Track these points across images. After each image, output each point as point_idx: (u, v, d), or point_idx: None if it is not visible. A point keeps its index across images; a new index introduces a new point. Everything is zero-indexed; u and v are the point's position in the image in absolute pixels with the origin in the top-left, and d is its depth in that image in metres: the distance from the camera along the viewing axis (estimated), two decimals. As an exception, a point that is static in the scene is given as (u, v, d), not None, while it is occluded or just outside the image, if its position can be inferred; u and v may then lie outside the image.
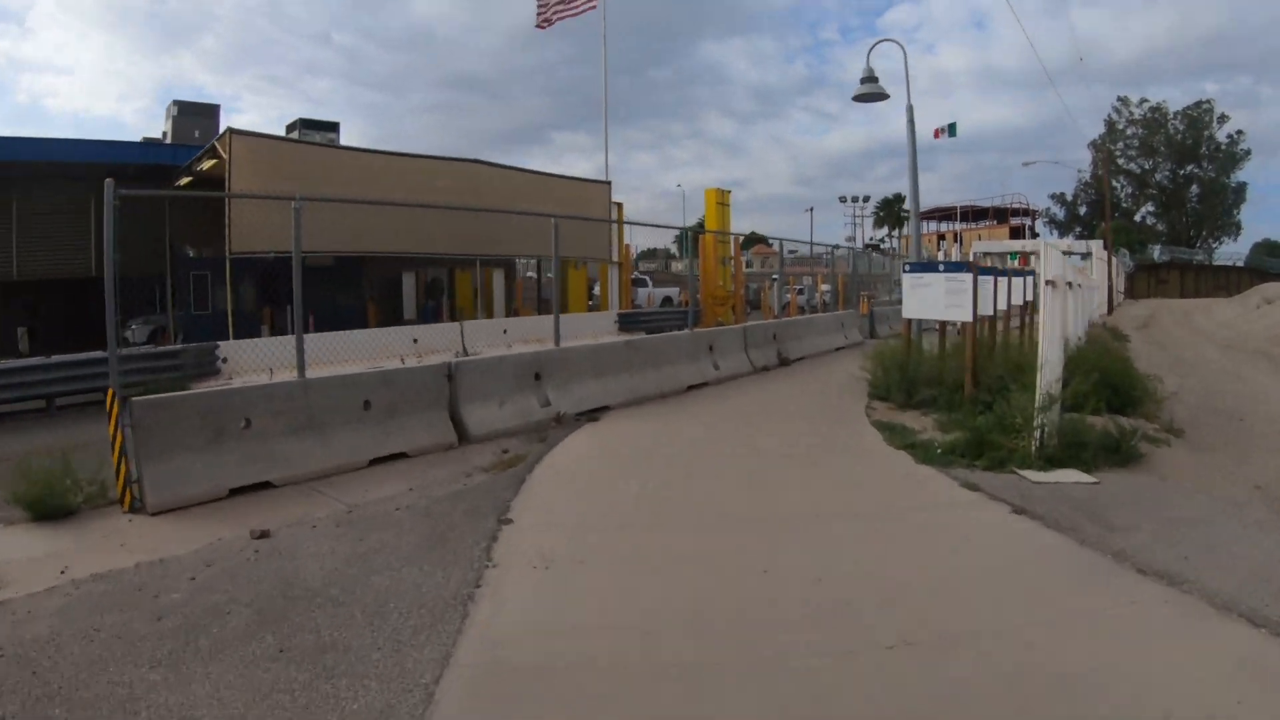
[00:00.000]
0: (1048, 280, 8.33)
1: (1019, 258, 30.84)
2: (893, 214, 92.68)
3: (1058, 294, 8.43)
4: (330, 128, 26.86)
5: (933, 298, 11.82)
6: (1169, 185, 75.34)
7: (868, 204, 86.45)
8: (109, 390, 7.45)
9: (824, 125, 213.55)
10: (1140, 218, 76.93)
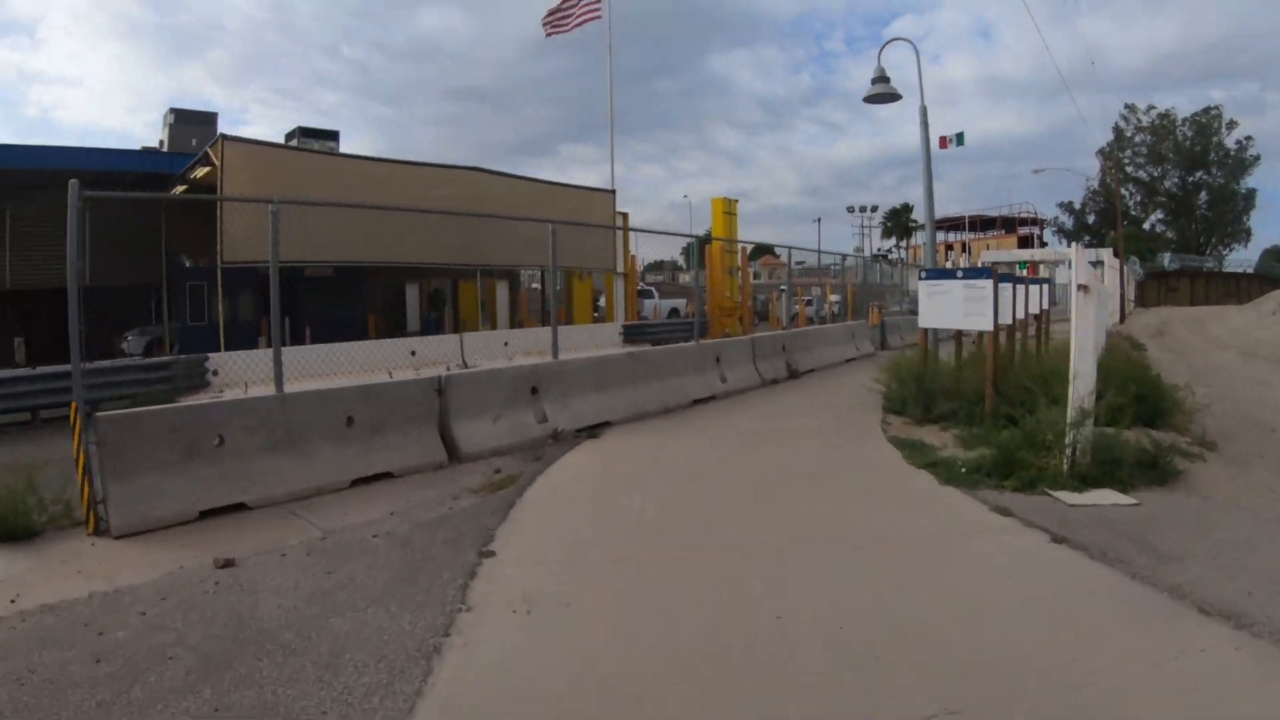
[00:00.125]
0: (1080, 285, 7.70)
1: (1027, 267, 30.41)
2: (900, 223, 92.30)
3: (1090, 300, 7.81)
4: (330, 136, 26.36)
5: (951, 306, 11.22)
6: (1178, 192, 74.71)
7: (875, 213, 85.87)
8: (73, 405, 6.98)
9: (830, 135, 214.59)
10: (1149, 225, 76.27)
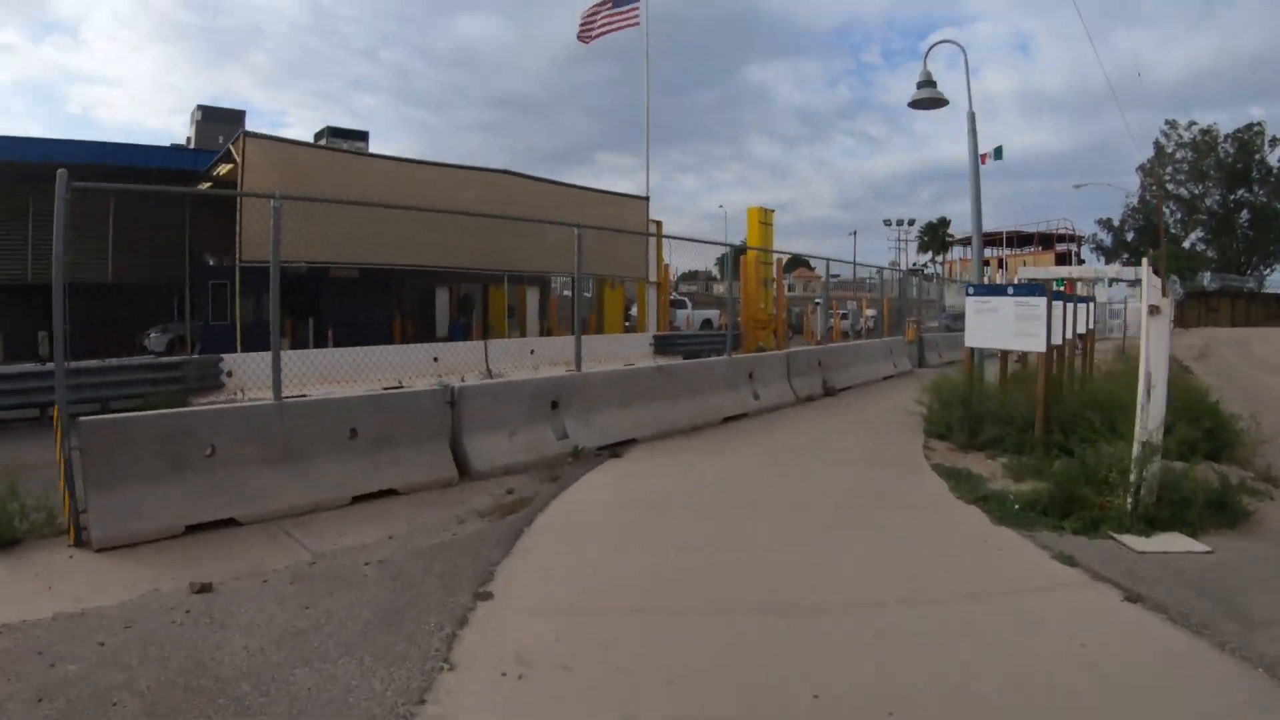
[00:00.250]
0: (1152, 305, 6.96)
1: (1065, 284, 29.42)
2: (938, 238, 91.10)
3: (1162, 323, 7.06)
4: (359, 136, 26.10)
5: (1000, 324, 10.48)
6: (1219, 210, 72.90)
7: (912, 227, 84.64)
8: (55, 407, 6.57)
9: (868, 148, 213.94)
10: (1190, 244, 74.50)
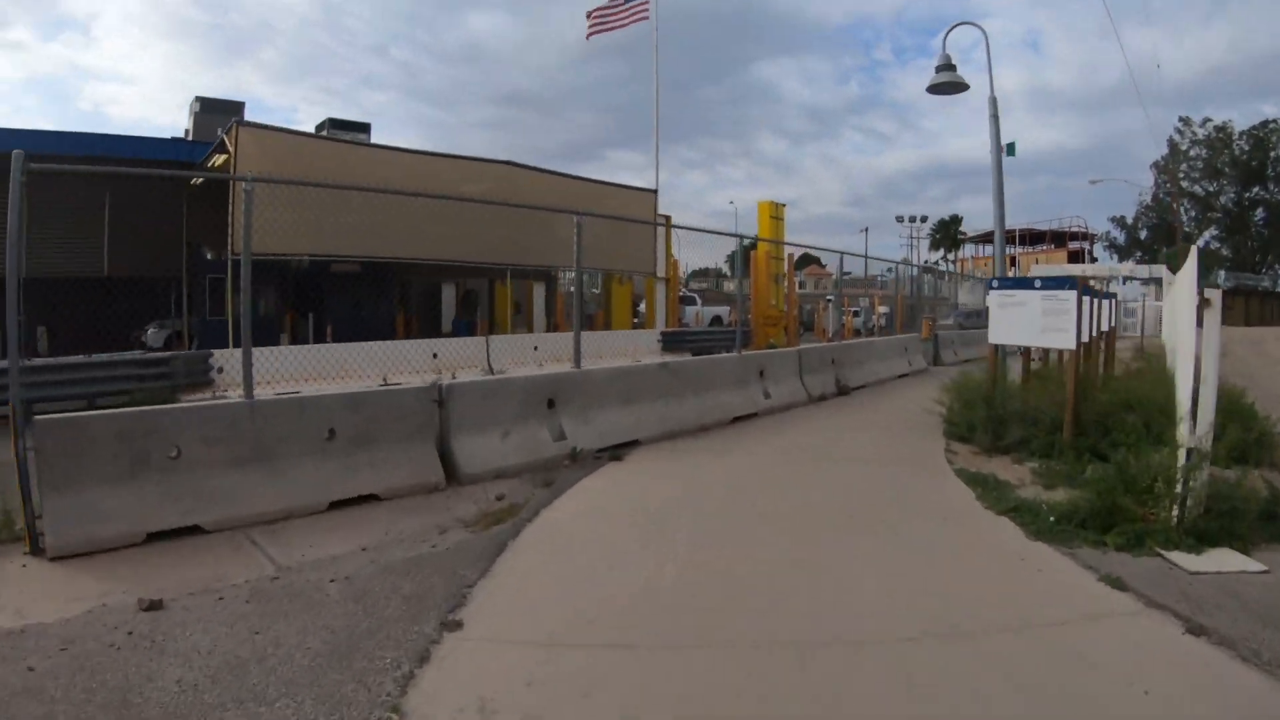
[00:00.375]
0: (1203, 299, 6.31)
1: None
2: (949, 235, 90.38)
3: (1214, 318, 6.41)
4: (361, 128, 25.54)
5: (1026, 320, 9.85)
6: (1233, 208, 72.01)
7: (924, 224, 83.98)
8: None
9: (877, 145, 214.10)
10: (1204, 242, 73.53)
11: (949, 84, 13.21)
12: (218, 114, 23.94)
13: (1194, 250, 6.99)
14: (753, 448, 10.03)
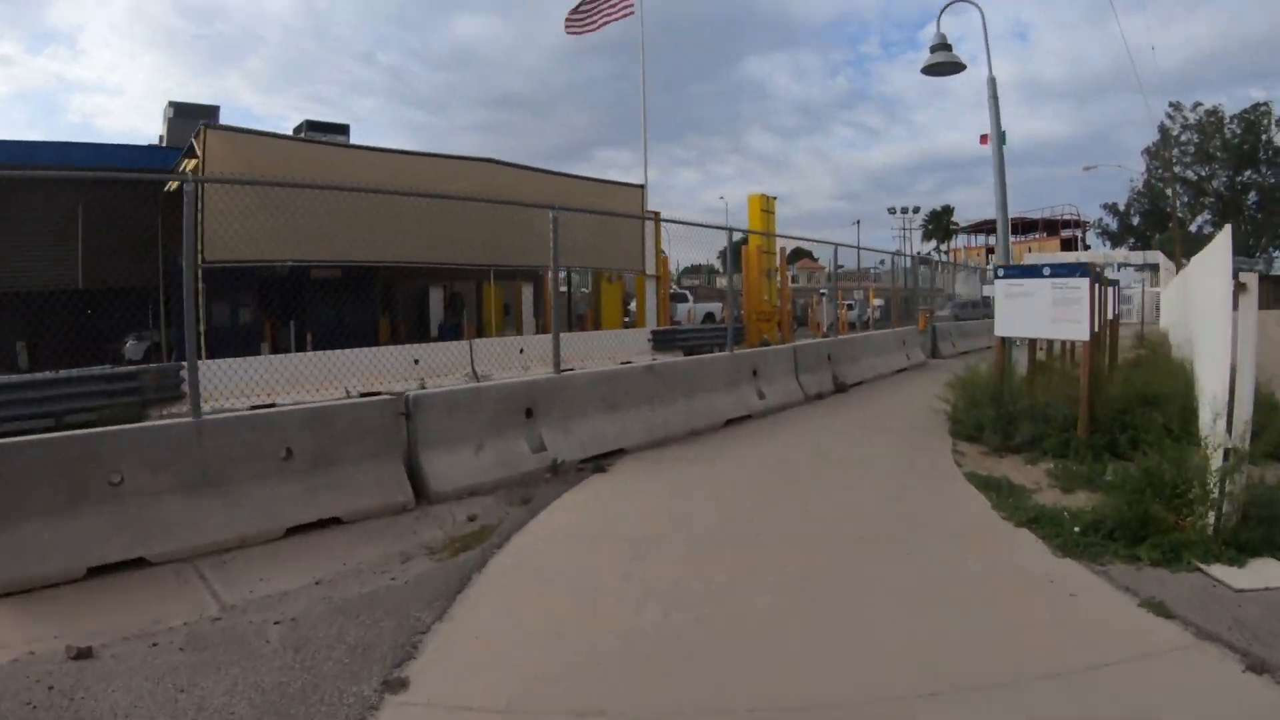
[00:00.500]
0: (1239, 283, 5.72)
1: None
2: (941, 226, 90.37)
3: (1250, 303, 5.82)
4: (340, 130, 24.98)
5: (1035, 310, 9.29)
6: (1226, 192, 71.80)
7: (917, 214, 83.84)
8: None
9: (867, 139, 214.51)
10: (1197, 227, 73.36)
11: (945, 64, 12.55)
12: (192, 119, 23.29)
13: (1226, 229, 6.37)
14: (747, 455, 9.43)
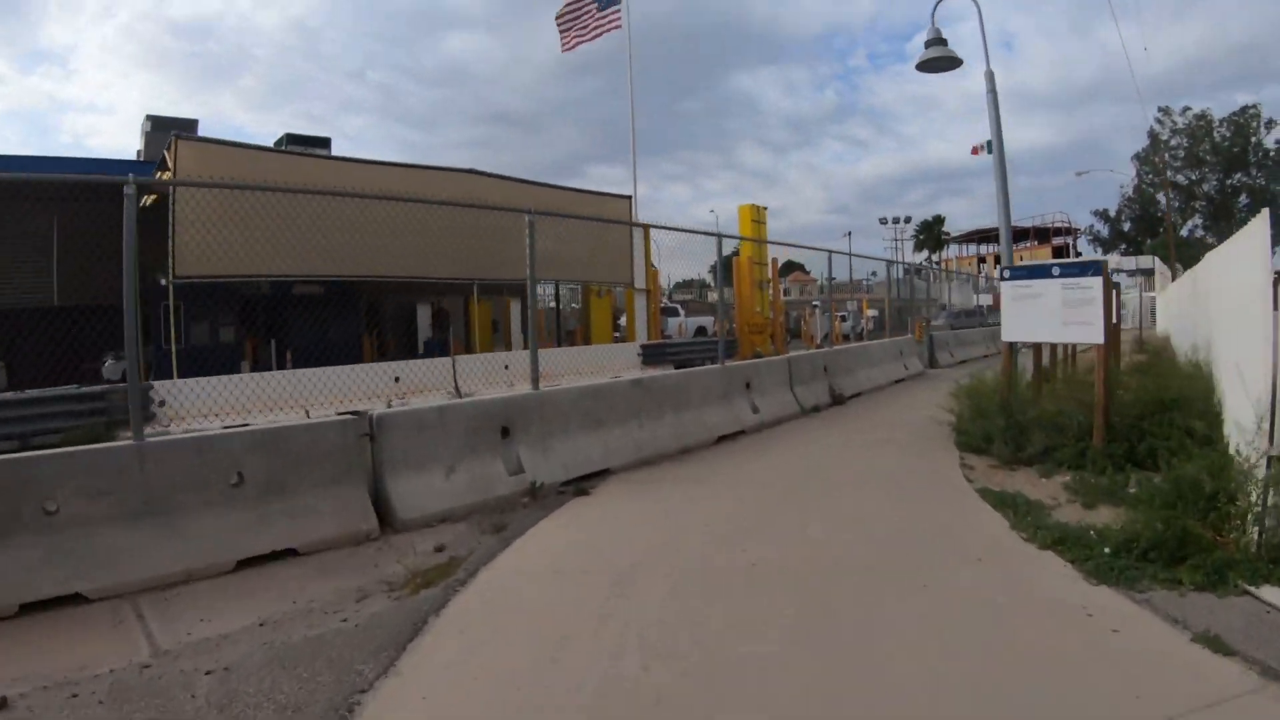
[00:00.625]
0: (1280, 277, 5.19)
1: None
2: (933, 236, 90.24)
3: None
4: (321, 143, 24.43)
5: (1044, 312, 8.76)
6: (1216, 195, 71.74)
7: (909, 224, 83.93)
8: None
9: (856, 152, 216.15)
10: (1188, 231, 73.29)
11: (941, 59, 12.00)
12: (169, 132, 22.80)
13: (1263, 215, 5.79)
14: (740, 474, 8.83)
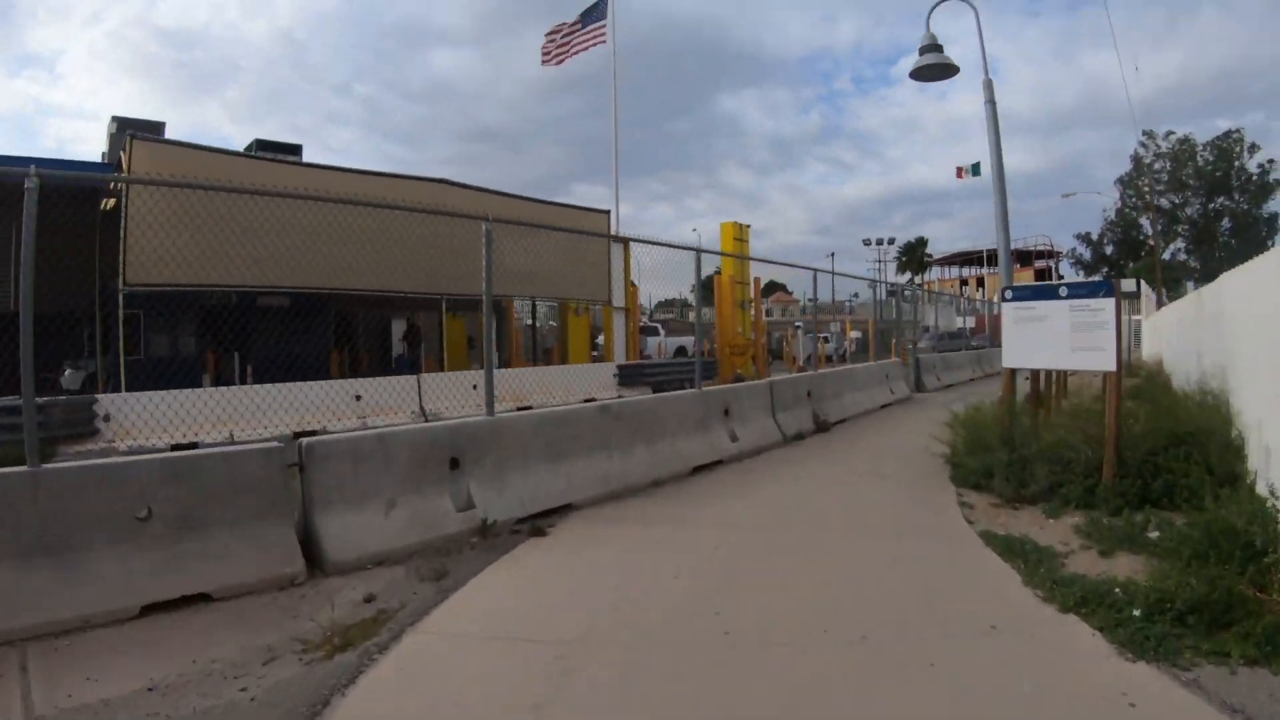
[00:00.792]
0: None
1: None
2: (916, 258, 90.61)
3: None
4: (291, 150, 23.67)
5: (1049, 336, 8.10)
6: (1199, 219, 71.97)
7: (893, 245, 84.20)
8: None
9: (840, 174, 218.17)
10: (1170, 254, 73.48)
11: (936, 66, 11.33)
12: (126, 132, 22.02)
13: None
14: (716, 513, 7.95)
